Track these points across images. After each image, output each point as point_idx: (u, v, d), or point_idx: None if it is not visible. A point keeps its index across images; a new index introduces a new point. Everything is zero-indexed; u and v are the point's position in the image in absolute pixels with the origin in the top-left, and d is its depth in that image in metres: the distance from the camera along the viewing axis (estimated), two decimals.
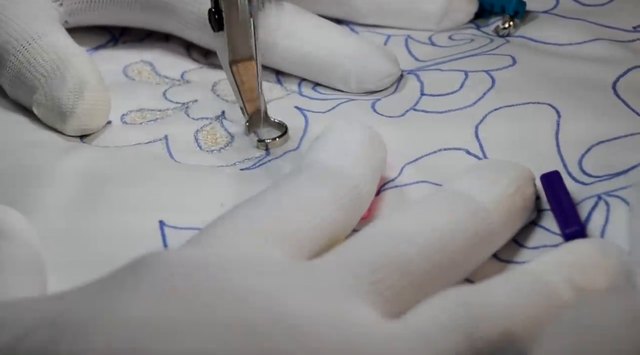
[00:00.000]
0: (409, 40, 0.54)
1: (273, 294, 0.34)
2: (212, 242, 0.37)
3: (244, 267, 0.35)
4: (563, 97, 0.47)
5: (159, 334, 0.31)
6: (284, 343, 0.32)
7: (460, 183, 0.40)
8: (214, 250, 0.36)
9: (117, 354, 0.30)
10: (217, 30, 0.46)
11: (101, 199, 0.44)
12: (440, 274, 0.37)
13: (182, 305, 0.32)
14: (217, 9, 0.46)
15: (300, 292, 0.34)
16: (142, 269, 0.34)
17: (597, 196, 0.42)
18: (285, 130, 0.47)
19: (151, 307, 0.32)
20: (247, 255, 0.36)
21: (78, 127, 0.48)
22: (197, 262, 0.35)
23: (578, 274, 0.37)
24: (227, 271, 0.35)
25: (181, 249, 0.37)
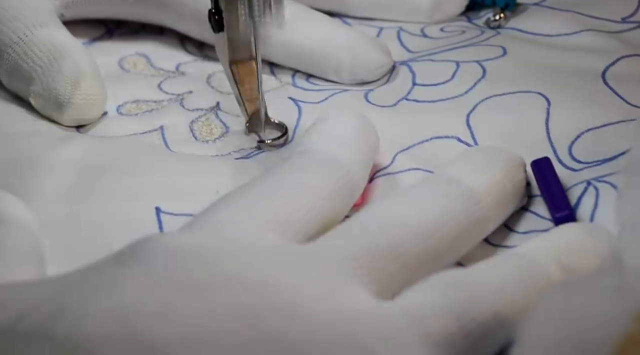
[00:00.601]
0: (401, 33, 0.54)
1: (267, 276, 0.34)
2: (206, 227, 0.37)
3: (238, 250, 0.36)
4: (553, 86, 0.48)
5: (154, 318, 0.32)
6: (278, 324, 0.32)
7: (451, 169, 0.41)
8: (208, 234, 0.36)
9: (113, 337, 0.31)
10: (217, 31, 0.46)
11: (98, 187, 0.44)
12: (432, 257, 0.38)
13: (177, 290, 0.33)
14: (217, 10, 0.46)
15: (294, 274, 0.35)
16: (138, 254, 0.34)
17: (586, 182, 0.43)
18: (286, 130, 0.48)
19: (147, 291, 0.33)
20: (241, 239, 0.36)
21: (75, 117, 0.48)
22: (192, 246, 0.35)
23: (568, 257, 0.37)
24: (222, 255, 0.35)
25: (176, 234, 0.37)
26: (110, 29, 0.55)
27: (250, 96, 0.47)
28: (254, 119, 0.47)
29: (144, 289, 0.33)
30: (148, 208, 0.43)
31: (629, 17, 0.52)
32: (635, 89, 0.47)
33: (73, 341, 0.30)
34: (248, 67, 0.47)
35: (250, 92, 0.47)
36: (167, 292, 0.33)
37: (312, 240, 0.38)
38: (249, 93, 0.47)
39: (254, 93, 0.47)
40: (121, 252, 0.35)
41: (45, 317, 0.31)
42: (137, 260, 0.34)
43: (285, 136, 0.47)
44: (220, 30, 0.46)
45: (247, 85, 0.47)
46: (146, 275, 0.33)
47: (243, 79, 0.47)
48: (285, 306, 0.33)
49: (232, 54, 0.46)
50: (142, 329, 0.31)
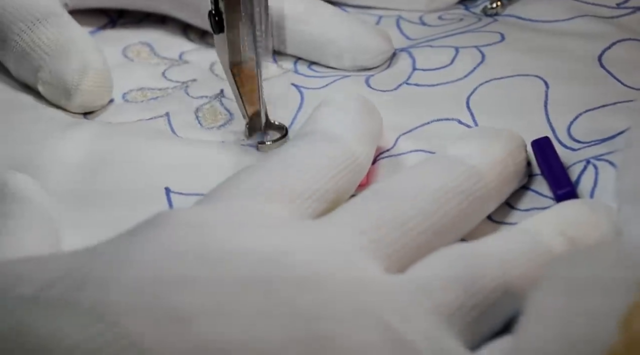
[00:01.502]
0: (400, 21, 0.55)
1: (282, 248, 0.35)
2: (220, 203, 0.38)
3: (252, 224, 0.36)
4: (551, 69, 0.49)
5: (176, 287, 0.32)
6: (294, 294, 0.33)
7: (454, 148, 0.42)
8: (222, 209, 0.37)
9: (137, 305, 0.32)
10: (218, 33, 0.46)
11: (107, 168, 0.45)
12: (438, 233, 0.39)
13: (197, 260, 0.34)
14: (217, 11, 0.46)
15: (307, 247, 0.36)
16: (156, 226, 0.35)
17: (585, 160, 0.44)
18: (286, 132, 0.48)
19: (167, 261, 0.33)
20: (255, 213, 0.37)
21: (82, 103, 0.49)
22: (208, 219, 0.36)
23: (571, 229, 0.38)
24: (237, 228, 0.36)
25: (192, 208, 0.38)
26: (113, 18, 0.56)
27: (250, 98, 0.47)
28: (254, 121, 0.48)
29: (164, 259, 0.33)
30: (158, 188, 0.44)
31: (623, 3, 0.53)
32: (631, 72, 0.48)
33: (98, 310, 0.31)
34: (248, 68, 0.47)
35: (251, 93, 0.47)
36: (187, 263, 0.33)
37: (320, 215, 0.39)
38: (249, 95, 0.47)
39: (254, 95, 0.47)
40: (139, 226, 0.36)
41: (69, 286, 0.32)
42: (156, 232, 0.35)
43: (285, 137, 0.48)
44: (221, 31, 0.46)
45: (247, 87, 0.47)
46: (165, 247, 0.34)
47: (243, 81, 0.47)
48: (300, 277, 0.34)
49: (232, 56, 0.47)
50: (166, 297, 0.32)
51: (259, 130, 0.47)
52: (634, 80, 0.48)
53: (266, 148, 0.47)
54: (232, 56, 0.46)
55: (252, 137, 0.47)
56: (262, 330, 0.31)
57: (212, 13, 0.46)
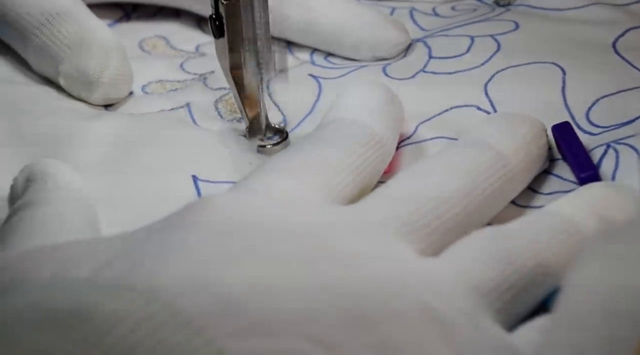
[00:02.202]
0: (413, 12, 0.56)
1: (323, 230, 0.36)
2: (256, 189, 0.38)
3: (293, 205, 0.37)
4: (567, 56, 0.49)
5: (226, 268, 0.33)
6: (340, 273, 0.34)
7: (478, 133, 0.42)
8: (259, 195, 0.38)
9: (190, 286, 0.32)
10: (218, 37, 0.46)
11: (133, 159, 0.45)
12: (468, 216, 0.39)
13: (242, 242, 0.34)
14: (217, 16, 0.46)
15: (347, 231, 0.36)
16: (200, 210, 0.36)
17: (606, 145, 0.44)
18: (286, 135, 0.48)
19: (214, 245, 0.34)
20: (294, 198, 0.38)
21: (104, 95, 0.49)
22: (250, 201, 0.37)
23: (600, 210, 0.39)
24: (280, 208, 0.36)
25: (230, 194, 0.38)
26: (127, 12, 0.56)
27: (250, 101, 0.47)
28: (254, 124, 0.48)
29: (212, 240, 0.34)
30: (185, 177, 0.44)
31: None
32: None
33: (153, 291, 0.31)
34: (249, 72, 0.47)
35: (251, 97, 0.47)
36: (235, 243, 0.34)
37: (353, 200, 0.40)
38: (250, 98, 0.47)
39: (254, 98, 0.47)
40: (182, 210, 0.36)
41: (123, 269, 0.32)
42: (202, 215, 0.35)
43: (285, 141, 0.48)
44: (221, 36, 0.46)
45: (248, 91, 0.47)
46: (212, 228, 0.35)
47: (243, 84, 0.47)
48: (344, 258, 0.34)
49: (232, 60, 0.47)
50: (217, 277, 0.32)
51: (260, 133, 0.48)
52: None
53: (266, 151, 0.47)
54: (233, 60, 0.47)
55: (253, 140, 0.48)
56: (312, 308, 0.32)
57: (213, 17, 0.46)
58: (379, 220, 0.37)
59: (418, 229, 0.37)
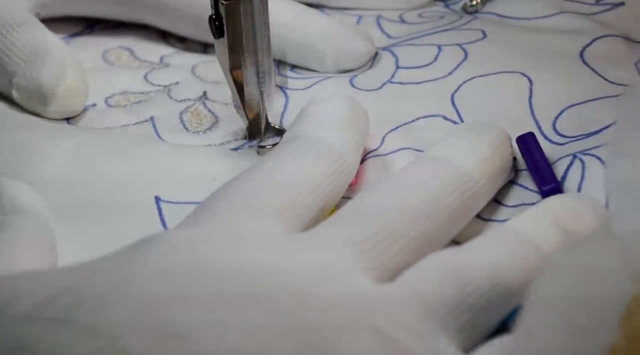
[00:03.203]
0: (380, 19, 0.55)
1: (276, 263, 0.35)
2: (210, 220, 0.38)
3: (246, 241, 0.36)
4: (534, 66, 0.49)
5: (174, 304, 0.32)
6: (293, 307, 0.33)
7: (441, 148, 0.42)
8: (214, 227, 0.37)
9: (136, 323, 0.31)
10: (218, 37, 0.46)
11: (96, 176, 0.45)
12: (429, 238, 0.39)
13: (193, 278, 0.34)
14: (217, 16, 0.46)
15: (300, 261, 0.36)
16: (151, 246, 0.35)
17: (572, 155, 0.44)
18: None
19: (164, 279, 0.33)
20: (247, 230, 0.37)
21: (59, 109, 0.49)
22: (201, 238, 0.36)
23: (560, 224, 0.38)
24: (231, 245, 0.36)
25: (183, 228, 0.38)
26: (90, 23, 0.56)
27: (250, 102, 0.47)
28: (254, 124, 0.48)
29: (161, 276, 0.33)
30: (147, 198, 0.44)
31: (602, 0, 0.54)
32: (612, 67, 0.49)
33: (97, 328, 0.31)
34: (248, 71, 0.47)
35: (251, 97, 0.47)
36: (184, 280, 0.33)
37: (311, 225, 0.39)
38: (250, 98, 0.47)
39: (254, 98, 0.47)
40: (132, 245, 0.36)
41: (67, 304, 0.32)
42: (150, 252, 0.35)
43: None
44: (221, 36, 0.46)
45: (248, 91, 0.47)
46: (160, 265, 0.34)
47: (243, 84, 0.47)
48: (297, 291, 0.34)
49: (232, 60, 0.46)
50: (164, 314, 0.32)
51: (259, 133, 0.47)
52: (616, 75, 0.48)
53: (266, 151, 0.47)
54: (233, 60, 0.46)
55: (253, 141, 0.47)
56: (262, 344, 0.31)
57: (213, 18, 0.46)
58: (334, 250, 0.36)
59: (375, 255, 0.37)
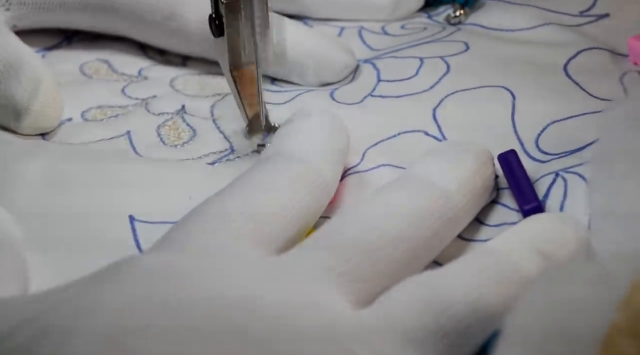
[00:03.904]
0: (362, 31, 0.54)
1: (249, 291, 0.34)
2: (183, 243, 0.37)
3: (217, 267, 0.35)
4: (517, 79, 0.48)
5: (139, 335, 0.32)
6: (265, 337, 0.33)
7: (421, 168, 0.41)
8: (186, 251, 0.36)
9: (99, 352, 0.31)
10: (218, 36, 0.46)
11: (69, 197, 0.44)
12: (408, 260, 0.38)
13: (160, 308, 0.33)
14: (217, 15, 0.46)
15: (275, 288, 0.35)
16: (118, 273, 0.34)
17: (554, 173, 0.43)
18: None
19: (130, 310, 0.33)
20: (219, 254, 0.36)
21: (33, 125, 0.48)
22: (171, 265, 0.35)
23: (540, 247, 0.38)
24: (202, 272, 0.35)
25: (154, 253, 0.37)
26: (68, 35, 0.55)
27: (250, 100, 0.47)
28: (254, 123, 0.47)
29: (126, 307, 0.33)
30: (122, 217, 0.43)
31: (586, 11, 0.53)
32: (596, 81, 0.48)
33: None
34: (248, 71, 0.47)
35: (251, 96, 0.47)
36: (150, 311, 0.33)
37: (288, 245, 0.38)
38: (250, 97, 0.47)
39: (254, 97, 0.47)
40: (101, 272, 0.35)
41: (29, 337, 0.31)
42: (118, 280, 0.34)
43: None
44: (221, 35, 0.46)
45: (248, 90, 0.47)
46: (128, 295, 0.33)
47: (243, 84, 0.47)
48: (269, 319, 0.33)
49: (232, 59, 0.46)
50: (129, 347, 0.31)
51: (259, 132, 0.47)
52: (600, 90, 0.47)
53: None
54: (233, 59, 0.46)
55: (252, 140, 0.47)
56: None
57: (212, 17, 0.46)
58: (311, 274, 0.36)
59: (352, 279, 0.36)
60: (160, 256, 0.36)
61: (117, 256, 0.38)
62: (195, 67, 0.53)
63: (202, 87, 0.52)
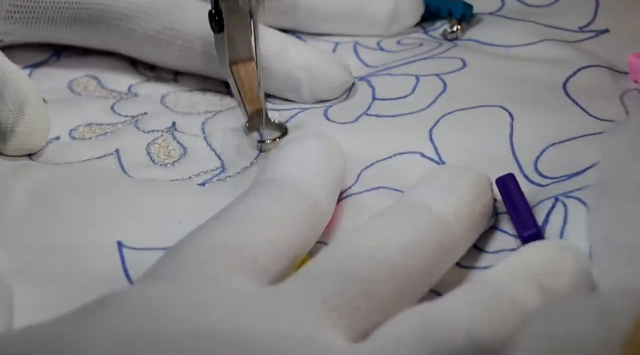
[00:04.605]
0: (357, 47, 0.53)
1: (241, 326, 0.33)
2: (173, 274, 0.36)
3: (208, 300, 0.34)
4: (515, 99, 0.47)
5: None
6: None
7: (418, 194, 0.40)
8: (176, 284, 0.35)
9: None
10: (218, 32, 0.46)
11: (55, 222, 0.43)
12: (405, 290, 0.37)
13: (149, 344, 0.32)
14: (217, 11, 0.46)
15: (267, 322, 0.34)
16: (106, 309, 0.33)
17: (554, 197, 0.42)
18: (285, 130, 0.47)
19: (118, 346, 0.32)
20: (210, 286, 0.35)
21: (18, 146, 0.46)
22: (161, 299, 0.34)
23: (539, 278, 0.37)
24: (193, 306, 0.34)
25: (143, 286, 0.36)
26: (57, 50, 0.54)
27: (250, 97, 0.47)
28: (253, 119, 0.47)
29: (114, 344, 0.32)
30: (109, 241, 0.42)
31: (585, 27, 0.52)
32: (596, 101, 0.47)
33: None
34: (248, 67, 0.47)
35: (251, 92, 0.47)
36: (138, 347, 0.32)
37: (283, 274, 0.37)
38: (249, 93, 0.47)
39: (254, 93, 0.47)
40: (87, 307, 0.34)
41: None
42: (104, 315, 0.33)
43: (285, 136, 0.47)
44: (221, 31, 0.46)
45: (247, 86, 0.47)
46: (116, 331, 0.32)
47: (243, 80, 0.47)
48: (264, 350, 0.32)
49: (232, 55, 0.46)
50: None
51: (259, 128, 0.47)
52: (600, 110, 0.46)
53: (266, 146, 0.47)
54: (232, 55, 0.46)
55: (252, 136, 0.47)
56: None
57: (212, 13, 0.45)
58: (305, 307, 0.35)
59: (347, 313, 0.35)
60: (149, 289, 0.35)
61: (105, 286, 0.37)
62: (187, 83, 0.52)
63: (193, 103, 0.51)
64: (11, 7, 0.50)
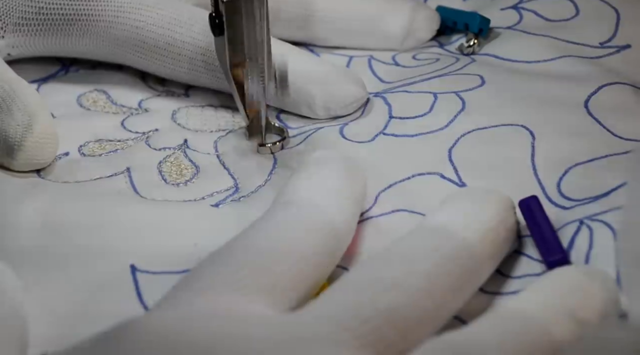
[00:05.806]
0: (372, 61, 0.52)
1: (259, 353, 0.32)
2: (190, 302, 0.35)
3: (227, 328, 0.33)
4: (536, 117, 0.46)
5: None
6: None
7: (441, 218, 0.39)
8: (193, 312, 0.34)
9: None
10: (218, 35, 0.46)
11: (67, 246, 0.41)
12: (429, 317, 0.36)
13: None
14: (217, 14, 0.45)
15: (288, 350, 0.33)
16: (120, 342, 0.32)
17: (579, 221, 0.41)
18: (286, 135, 0.47)
19: None
20: (229, 314, 0.34)
21: (27, 161, 0.45)
22: (178, 327, 0.33)
23: (567, 305, 0.36)
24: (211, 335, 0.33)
25: (159, 313, 0.35)
26: (65, 65, 0.52)
27: (251, 100, 0.46)
28: (254, 123, 0.47)
29: None
30: (122, 265, 0.40)
31: (606, 42, 0.51)
32: (619, 119, 0.46)
33: None
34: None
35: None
36: None
37: (302, 301, 0.36)
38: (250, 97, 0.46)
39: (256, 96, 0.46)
40: (101, 338, 0.33)
41: None
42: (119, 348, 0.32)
43: (285, 140, 0.47)
44: (221, 34, 0.45)
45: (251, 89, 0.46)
46: None
47: (243, 83, 0.46)
48: None
49: (232, 58, 0.46)
50: None
51: (259, 132, 0.47)
52: (624, 129, 0.45)
53: (266, 150, 0.47)
54: (233, 58, 0.46)
55: (252, 139, 0.47)
56: None
57: (212, 15, 0.45)
58: (326, 333, 0.34)
59: (372, 341, 0.34)
60: (165, 318, 0.34)
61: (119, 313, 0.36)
62: (198, 98, 0.51)
63: (205, 120, 0.50)
64: (20, 20, 0.49)
